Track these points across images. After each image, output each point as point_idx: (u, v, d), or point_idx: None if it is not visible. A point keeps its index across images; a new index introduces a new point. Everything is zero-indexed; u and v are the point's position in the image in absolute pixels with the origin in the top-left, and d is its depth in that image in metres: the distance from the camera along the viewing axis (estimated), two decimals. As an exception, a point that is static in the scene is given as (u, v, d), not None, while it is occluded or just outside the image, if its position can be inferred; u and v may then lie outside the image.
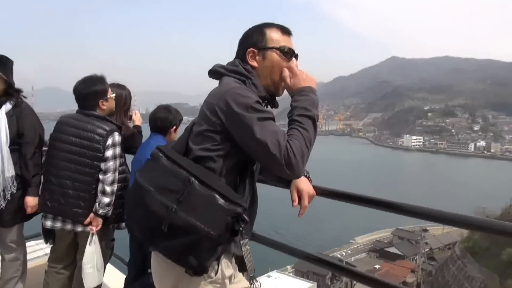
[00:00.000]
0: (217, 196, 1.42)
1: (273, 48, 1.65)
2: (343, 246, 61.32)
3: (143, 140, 3.35)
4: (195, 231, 1.38)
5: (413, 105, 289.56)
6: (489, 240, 47.87)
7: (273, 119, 1.51)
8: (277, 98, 1.78)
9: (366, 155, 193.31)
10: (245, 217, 1.44)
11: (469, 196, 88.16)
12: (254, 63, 1.65)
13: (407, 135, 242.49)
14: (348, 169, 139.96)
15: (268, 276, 27.44)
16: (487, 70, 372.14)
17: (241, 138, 1.48)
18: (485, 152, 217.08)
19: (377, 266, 51.07)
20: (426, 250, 58.83)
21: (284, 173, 1.45)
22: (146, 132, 3.33)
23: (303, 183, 1.81)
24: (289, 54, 1.66)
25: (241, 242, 1.55)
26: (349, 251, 60.06)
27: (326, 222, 71.07)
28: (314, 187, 1.84)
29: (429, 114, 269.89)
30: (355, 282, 46.10)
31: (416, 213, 1.63)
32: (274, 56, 1.65)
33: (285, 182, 1.85)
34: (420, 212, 1.62)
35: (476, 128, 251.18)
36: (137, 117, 3.65)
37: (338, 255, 54.38)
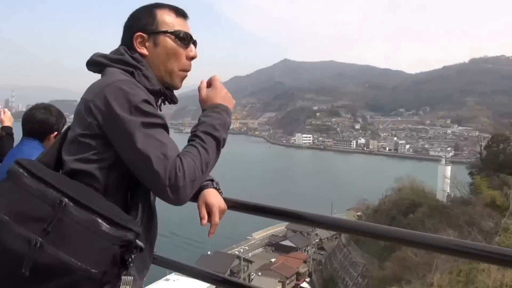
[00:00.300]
0: (99, 220, 1.11)
1: (166, 32, 1.39)
2: (241, 243, 62.32)
3: (14, 145, 2.75)
4: (69, 270, 1.04)
5: (303, 105, 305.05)
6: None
7: (163, 126, 1.27)
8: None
9: (262, 153, 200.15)
10: (139, 243, 1.15)
11: (353, 189, 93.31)
12: (144, 51, 1.38)
13: (299, 134, 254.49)
14: (245, 167, 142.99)
15: (166, 280, 26.34)
16: (365, 75, 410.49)
17: (120, 147, 1.21)
18: (365, 148, 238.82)
19: (273, 260, 52.90)
20: (316, 241, 63.28)
21: (166, 196, 1.21)
22: (20, 135, 2.65)
23: (213, 197, 1.52)
24: (186, 40, 1.42)
25: (122, 277, 1.14)
26: (247, 247, 61.56)
27: (222, 220, 72.50)
28: (225, 199, 1.59)
29: (317, 114, 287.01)
30: (253, 276, 48.32)
31: (320, 223, 1.80)
32: (168, 41, 1.39)
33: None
34: (324, 222, 1.76)
35: (357, 127, 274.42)
36: (7, 117, 3.03)
37: (237, 252, 55.06)
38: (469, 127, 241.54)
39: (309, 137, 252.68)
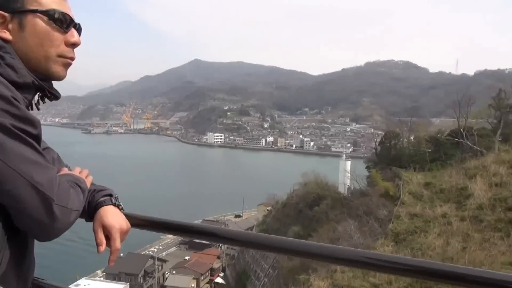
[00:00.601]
0: None
1: (36, 11, 1.07)
2: (154, 243, 61.74)
3: None
4: None
5: (214, 105, 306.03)
6: (279, 222, 55.41)
7: (36, 137, 0.97)
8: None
9: (174, 152, 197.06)
10: None
11: (263, 185, 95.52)
12: (6, 34, 1.05)
13: (210, 133, 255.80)
14: (157, 167, 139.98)
15: (76, 285, 25.67)
16: (272, 75, 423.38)
17: None
18: (273, 146, 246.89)
19: (187, 257, 53.12)
20: (229, 236, 64.67)
21: (39, 226, 0.97)
22: None
23: (112, 216, 1.24)
24: (64, 22, 1.11)
25: None
26: (161, 247, 61.06)
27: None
28: (127, 216, 1.33)
29: (228, 113, 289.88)
30: (167, 275, 48.08)
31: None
32: (39, 23, 1.07)
33: (86, 214, 1.25)
34: (227, 237, 1.52)
35: (266, 125, 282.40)
36: None
37: (150, 252, 54.53)
38: (365, 124, 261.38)
39: (221, 136, 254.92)
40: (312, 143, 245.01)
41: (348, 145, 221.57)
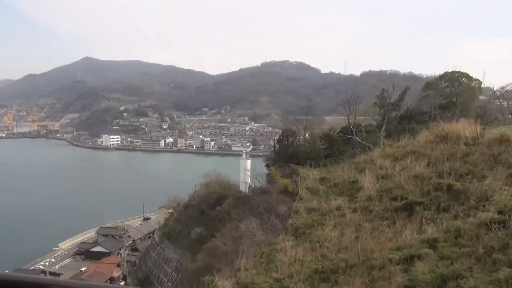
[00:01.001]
0: None
1: None
2: (46, 256, 57.70)
3: None
4: None
5: (109, 106, 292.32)
6: (181, 224, 54.58)
7: None
8: None
9: (66, 157, 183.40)
10: None
11: (164, 187, 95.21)
12: None
13: (106, 135, 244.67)
14: (47, 172, 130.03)
15: None
16: (170, 75, 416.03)
17: None
18: (173, 147, 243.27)
19: (83, 268, 50.44)
20: (129, 242, 62.09)
21: None
22: None
23: None
24: None
25: None
26: (53, 260, 57.02)
27: (22, 234, 64.62)
28: None
29: (124, 114, 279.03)
30: None
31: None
32: None
33: None
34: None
35: (165, 126, 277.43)
36: None
37: (41, 266, 50.54)
38: (264, 123, 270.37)
39: (117, 138, 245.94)
40: (212, 143, 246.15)
41: (248, 144, 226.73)
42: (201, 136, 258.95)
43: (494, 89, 58.80)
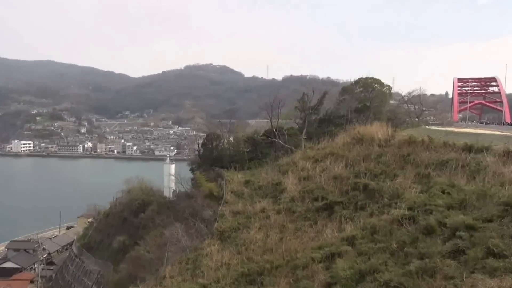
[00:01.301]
0: None
1: None
2: None
3: None
4: None
5: (20, 109, 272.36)
6: (101, 233, 52.25)
7: None
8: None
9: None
10: None
11: (83, 195, 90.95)
12: None
13: (16, 141, 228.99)
14: None
15: None
16: (88, 76, 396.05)
17: None
18: (93, 152, 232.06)
19: (-9, 288, 46.15)
20: (44, 256, 57.98)
21: None
22: None
23: None
24: None
25: None
26: (-47, 281, 51.15)
27: None
28: None
29: (37, 118, 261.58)
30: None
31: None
32: None
33: None
34: None
35: (83, 130, 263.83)
36: None
37: None
38: (188, 127, 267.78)
39: (29, 143, 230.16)
40: (135, 148, 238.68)
41: (172, 148, 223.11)
42: (122, 141, 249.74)
43: (403, 94, 64.28)
